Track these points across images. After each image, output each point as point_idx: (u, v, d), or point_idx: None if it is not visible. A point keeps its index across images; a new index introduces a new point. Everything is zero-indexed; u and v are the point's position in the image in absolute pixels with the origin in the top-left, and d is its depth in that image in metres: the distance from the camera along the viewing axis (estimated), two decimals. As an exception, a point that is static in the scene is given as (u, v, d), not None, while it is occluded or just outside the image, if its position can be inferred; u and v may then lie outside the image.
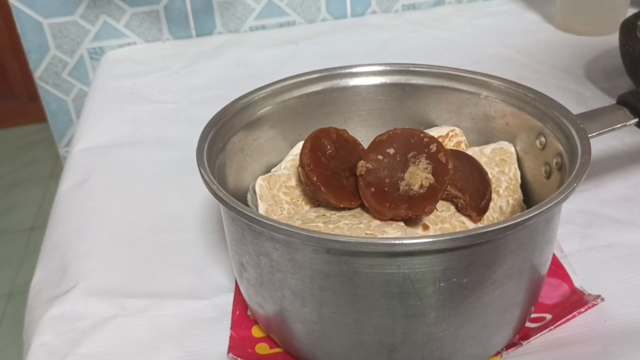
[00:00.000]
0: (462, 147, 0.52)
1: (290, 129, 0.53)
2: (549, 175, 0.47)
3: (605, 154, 0.64)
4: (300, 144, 0.50)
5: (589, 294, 0.48)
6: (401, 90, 0.53)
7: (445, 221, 0.46)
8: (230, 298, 0.50)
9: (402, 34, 0.95)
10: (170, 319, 0.49)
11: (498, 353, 0.44)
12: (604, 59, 0.83)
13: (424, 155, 0.45)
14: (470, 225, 0.46)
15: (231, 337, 0.47)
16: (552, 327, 0.45)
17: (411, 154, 0.45)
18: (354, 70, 0.53)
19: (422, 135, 0.46)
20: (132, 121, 0.76)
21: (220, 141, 0.47)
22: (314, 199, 0.48)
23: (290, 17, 0.99)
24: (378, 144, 0.46)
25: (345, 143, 0.48)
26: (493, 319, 0.41)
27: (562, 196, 0.38)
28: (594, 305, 0.46)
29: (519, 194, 0.50)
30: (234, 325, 0.48)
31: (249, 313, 0.49)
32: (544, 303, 0.48)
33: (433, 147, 0.45)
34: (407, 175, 0.44)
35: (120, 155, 0.70)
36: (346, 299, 0.38)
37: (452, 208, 0.47)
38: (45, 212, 1.78)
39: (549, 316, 0.47)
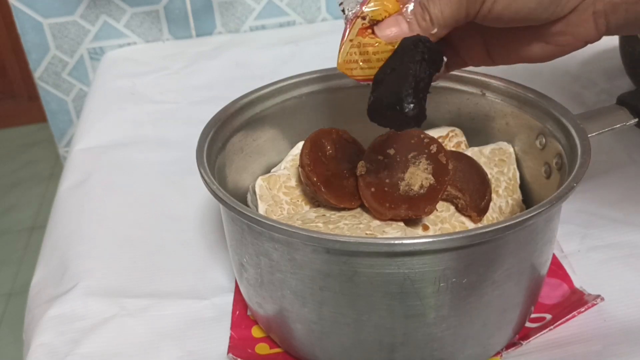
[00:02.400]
0: (462, 148, 0.52)
1: (290, 129, 0.53)
2: (548, 176, 0.47)
3: (605, 154, 0.64)
4: (300, 144, 0.50)
5: (589, 294, 0.48)
6: (401, 91, 0.53)
7: (445, 221, 0.46)
8: (230, 298, 0.50)
9: (402, 34, 0.95)
10: (170, 319, 0.49)
11: (498, 353, 0.44)
12: (604, 59, 0.83)
13: (424, 155, 0.45)
14: (470, 225, 0.46)
15: (231, 337, 0.47)
16: (552, 327, 0.45)
17: (411, 155, 0.45)
18: (354, 70, 0.53)
19: (422, 136, 0.46)
20: (132, 121, 0.76)
21: (220, 141, 0.47)
22: (314, 199, 0.48)
23: (290, 17, 0.99)
24: (378, 145, 0.46)
25: (345, 143, 0.48)
26: (493, 319, 0.41)
27: (562, 196, 0.38)
28: (593, 305, 0.46)
29: (518, 194, 0.50)
30: (234, 325, 0.48)
31: (249, 313, 0.49)
32: (544, 303, 0.48)
33: (433, 148, 0.45)
34: (407, 175, 0.44)
35: (120, 155, 0.70)
36: (346, 299, 0.38)
37: (452, 208, 0.47)
38: (45, 212, 1.78)
39: (549, 316, 0.47)
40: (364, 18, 0.40)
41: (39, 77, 0.98)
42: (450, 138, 0.52)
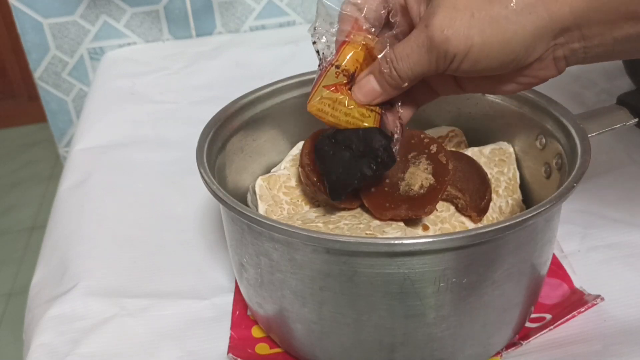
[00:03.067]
0: (462, 148, 0.52)
1: (290, 129, 0.53)
2: (548, 176, 0.47)
3: (605, 154, 0.64)
4: (300, 144, 0.50)
5: (589, 294, 0.48)
6: (401, 91, 0.53)
7: (445, 221, 0.46)
8: (230, 298, 0.50)
9: (402, 34, 0.95)
10: (170, 319, 0.49)
11: (498, 353, 0.44)
12: (603, 59, 0.83)
13: (424, 155, 0.45)
14: (470, 225, 0.46)
15: (231, 337, 0.47)
16: (552, 327, 0.45)
17: (411, 155, 0.45)
18: (354, 70, 0.53)
19: (422, 136, 0.46)
20: (132, 121, 0.76)
21: (220, 141, 0.47)
22: (314, 199, 0.48)
23: (290, 17, 0.99)
24: (378, 144, 0.46)
25: (345, 143, 0.48)
26: (493, 319, 0.41)
27: (562, 196, 0.38)
28: (593, 305, 0.46)
29: (518, 194, 0.50)
30: (234, 326, 0.48)
31: (249, 313, 0.49)
32: (544, 303, 0.48)
33: (433, 148, 0.45)
34: (407, 175, 0.44)
35: (120, 155, 0.70)
36: (346, 299, 0.38)
37: (452, 208, 0.47)
38: (45, 212, 1.78)
39: (549, 316, 0.47)
40: (337, 67, 0.41)
41: (39, 77, 0.98)
42: (450, 138, 0.52)
